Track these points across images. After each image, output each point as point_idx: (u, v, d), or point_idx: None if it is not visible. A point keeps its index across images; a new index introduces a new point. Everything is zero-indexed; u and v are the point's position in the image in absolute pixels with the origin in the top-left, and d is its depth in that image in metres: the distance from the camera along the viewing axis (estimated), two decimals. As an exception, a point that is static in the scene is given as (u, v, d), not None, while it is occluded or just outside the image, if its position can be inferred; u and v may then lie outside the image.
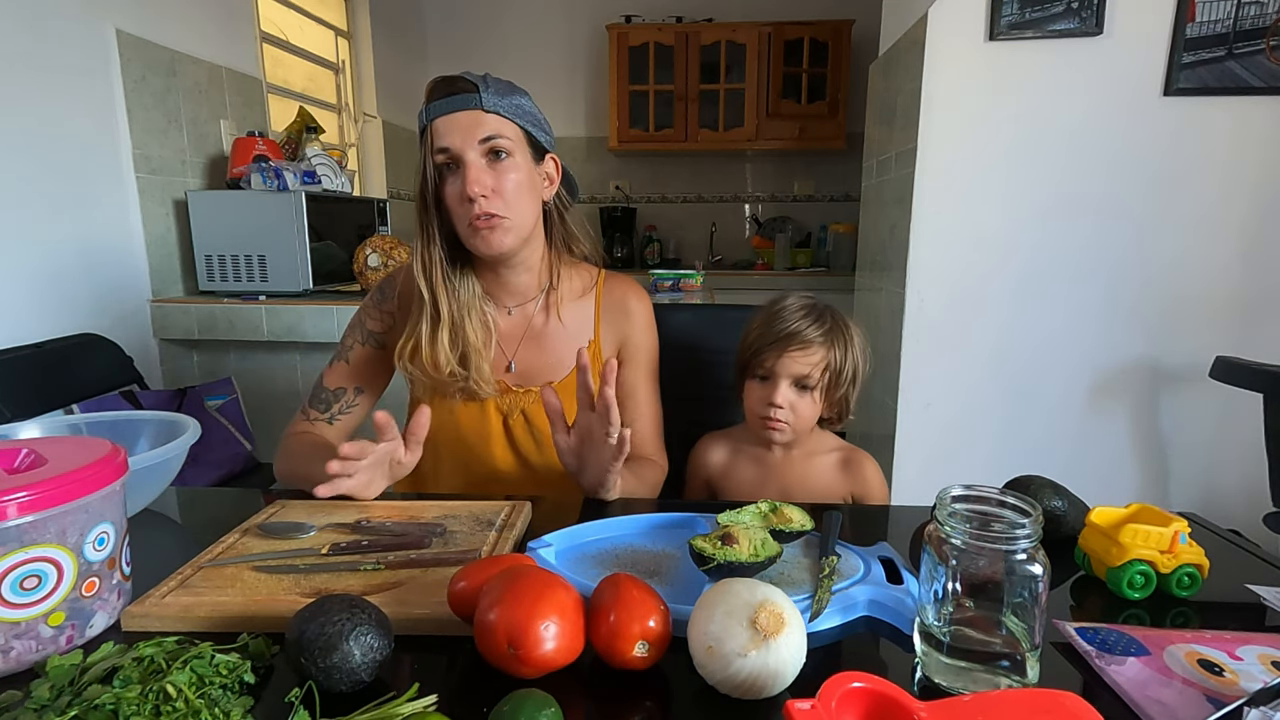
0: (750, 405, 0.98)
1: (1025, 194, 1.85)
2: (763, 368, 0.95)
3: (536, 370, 1.02)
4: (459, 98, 0.90)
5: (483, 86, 0.90)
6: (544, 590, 0.52)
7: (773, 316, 0.96)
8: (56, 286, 1.76)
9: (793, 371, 0.93)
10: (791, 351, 0.93)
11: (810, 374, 0.94)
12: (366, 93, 3.43)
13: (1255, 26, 1.71)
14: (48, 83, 1.73)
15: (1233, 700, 0.47)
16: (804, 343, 0.93)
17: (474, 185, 0.89)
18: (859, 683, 0.43)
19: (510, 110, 0.92)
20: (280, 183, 2.08)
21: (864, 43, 3.52)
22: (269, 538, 0.73)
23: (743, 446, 1.04)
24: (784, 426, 0.96)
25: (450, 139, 0.89)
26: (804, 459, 1.01)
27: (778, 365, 0.94)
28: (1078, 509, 0.75)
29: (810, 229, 4.05)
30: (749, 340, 0.98)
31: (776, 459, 1.01)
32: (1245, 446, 1.82)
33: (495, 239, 0.92)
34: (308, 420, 1.03)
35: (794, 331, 0.93)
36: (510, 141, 0.91)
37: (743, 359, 0.99)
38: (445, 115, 0.90)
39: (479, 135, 0.90)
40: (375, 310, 1.04)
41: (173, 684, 0.47)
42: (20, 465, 0.60)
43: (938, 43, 1.82)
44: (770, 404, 0.94)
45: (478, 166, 0.90)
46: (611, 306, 1.06)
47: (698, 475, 1.07)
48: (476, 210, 0.89)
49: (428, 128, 0.91)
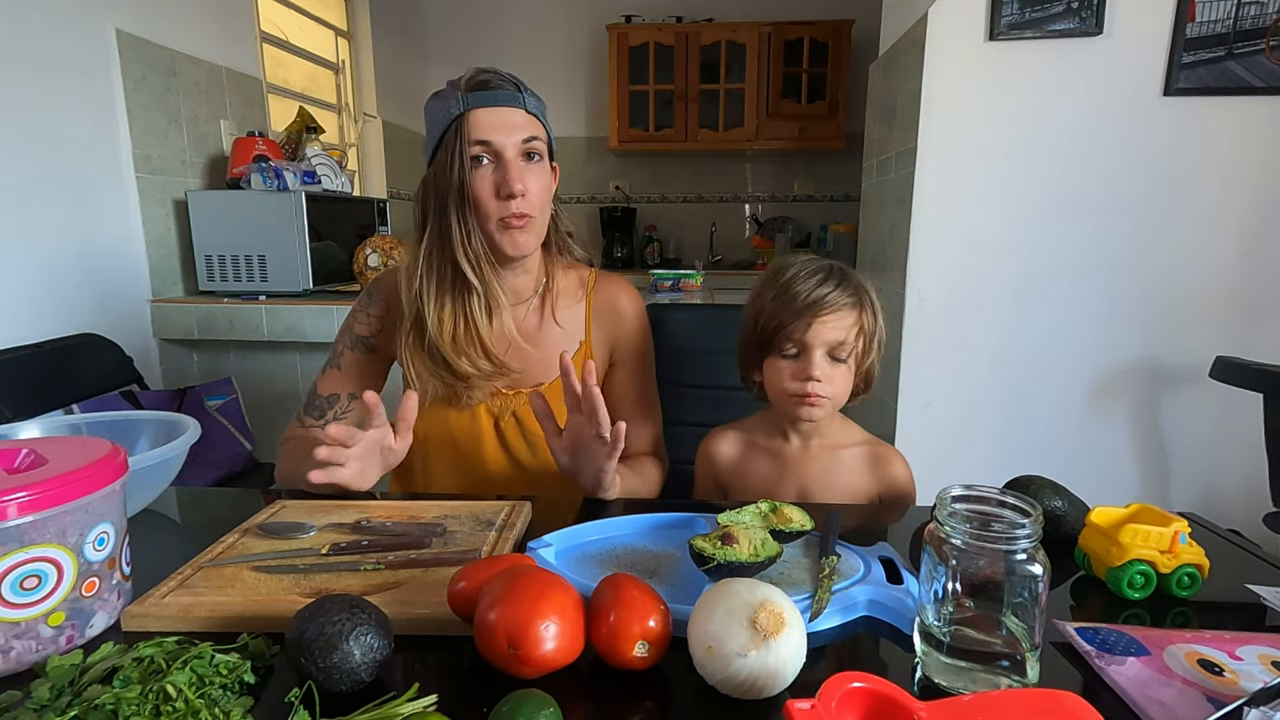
0: (778, 384, 0.88)
1: (1025, 194, 1.85)
2: (790, 340, 0.86)
3: (530, 372, 1.02)
4: (505, 93, 0.90)
5: (522, 87, 0.92)
6: (544, 590, 0.52)
7: (787, 284, 0.87)
8: (57, 286, 1.76)
9: (827, 339, 0.85)
10: (824, 317, 0.85)
11: (845, 340, 0.86)
12: (366, 93, 3.43)
13: (1255, 26, 1.71)
14: (48, 83, 1.73)
15: (1233, 700, 0.47)
16: (835, 307, 0.85)
17: (517, 183, 0.89)
18: (859, 683, 0.43)
19: (541, 115, 0.94)
20: (280, 183, 2.08)
21: (864, 43, 3.52)
22: (269, 538, 0.73)
23: (756, 440, 0.97)
24: (824, 401, 0.87)
25: (494, 133, 0.89)
26: (826, 452, 0.93)
27: (809, 335, 0.85)
28: (1078, 509, 0.75)
29: (810, 229, 4.05)
30: (764, 315, 0.88)
31: (794, 452, 0.94)
32: (1245, 446, 1.82)
33: (524, 239, 0.93)
34: (302, 427, 1.03)
35: (820, 296, 0.85)
36: (542, 144, 0.93)
37: (759, 336, 0.89)
38: (489, 108, 0.89)
39: (522, 135, 0.90)
40: (363, 315, 1.04)
41: (173, 684, 0.46)
42: (20, 465, 0.60)
43: (938, 43, 1.82)
44: (808, 378, 0.85)
45: (518, 165, 0.90)
46: (603, 307, 1.05)
47: (707, 473, 1.00)
48: (515, 208, 0.90)
49: (463, 117, 0.89)
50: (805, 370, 0.86)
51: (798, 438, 0.94)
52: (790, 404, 0.88)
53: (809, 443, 0.94)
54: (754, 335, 0.90)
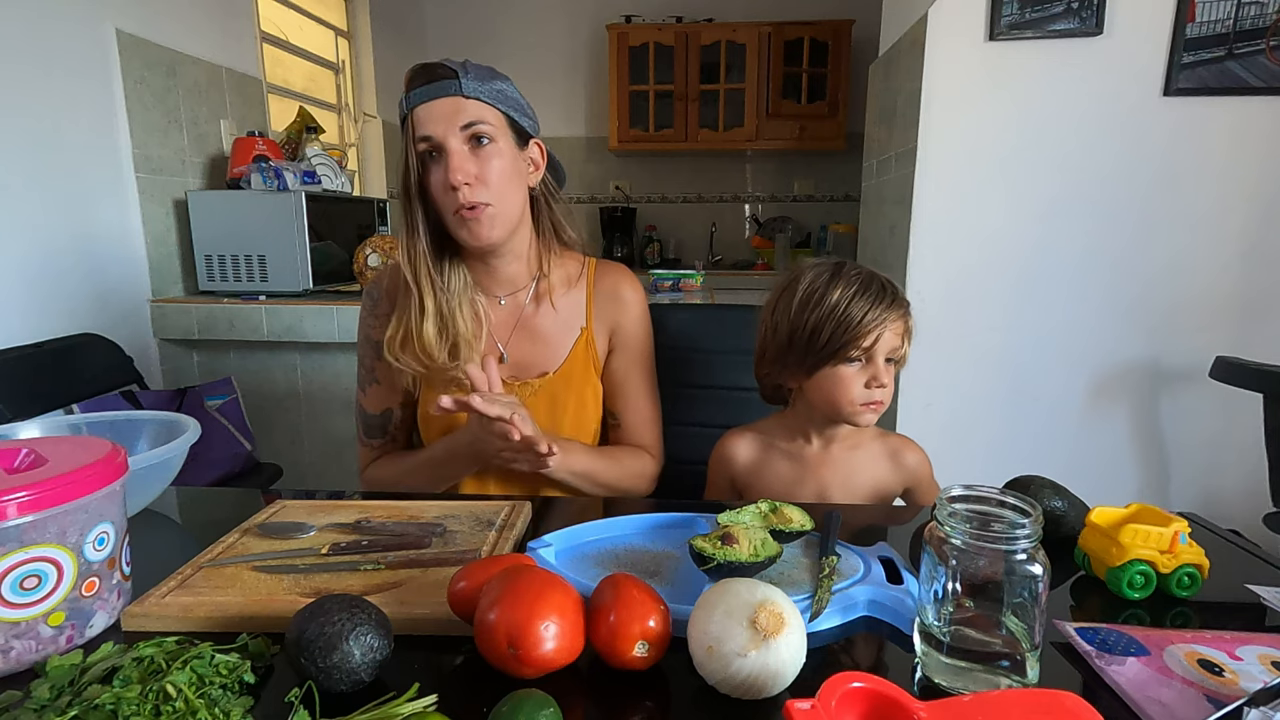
0: (843, 393, 0.88)
1: (1025, 194, 1.85)
2: (858, 348, 0.87)
3: (529, 361, 1.01)
4: (438, 84, 0.89)
5: (462, 73, 0.89)
6: (544, 590, 0.52)
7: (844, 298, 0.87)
8: (56, 286, 1.76)
9: (890, 345, 0.88)
10: (890, 326, 0.87)
11: (901, 347, 0.89)
12: (366, 93, 3.43)
13: (1255, 26, 1.71)
14: (48, 83, 1.73)
15: (1233, 700, 0.47)
16: (897, 316, 0.88)
17: (456, 173, 0.87)
18: (859, 683, 0.43)
19: (491, 95, 0.90)
20: (280, 183, 2.08)
21: (864, 43, 3.52)
22: (269, 538, 0.73)
23: (774, 443, 0.97)
24: (883, 406, 0.89)
25: (431, 127, 0.88)
26: (847, 452, 0.94)
27: (878, 344, 0.87)
28: (1078, 509, 0.75)
29: (810, 229, 4.05)
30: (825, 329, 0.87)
31: (815, 454, 0.94)
32: (1245, 446, 1.82)
33: (482, 230, 0.91)
34: (373, 450, 1.06)
35: (886, 307, 0.87)
36: (492, 127, 0.90)
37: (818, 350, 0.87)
38: (425, 103, 0.88)
39: (460, 122, 0.88)
40: (371, 319, 1.03)
41: (172, 684, 0.46)
42: (20, 465, 0.60)
43: (938, 43, 1.82)
44: (878, 385, 0.87)
45: (460, 154, 0.88)
46: (604, 294, 1.05)
47: (722, 473, 0.99)
48: (461, 199, 0.88)
49: (408, 116, 0.89)
50: (875, 379, 0.87)
51: (819, 439, 0.94)
52: (854, 412, 0.88)
53: (830, 444, 0.94)
54: (804, 347, 0.89)
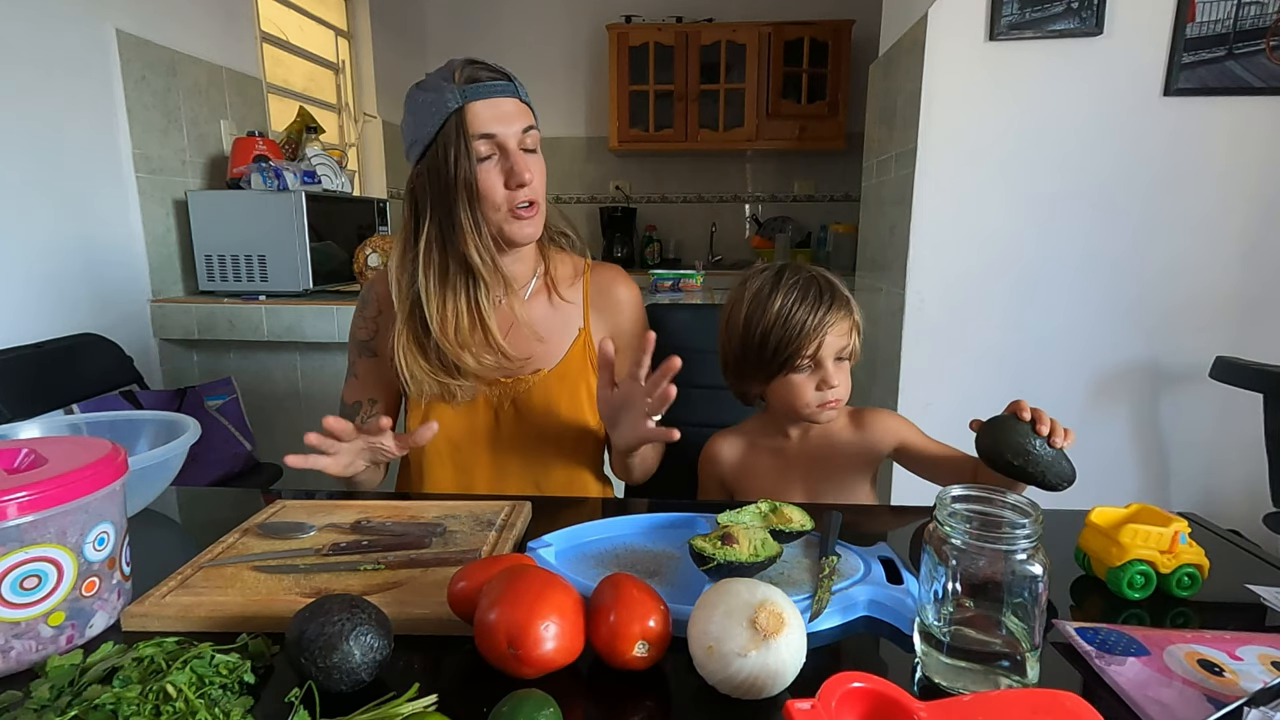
0: (797, 398, 0.91)
1: (1025, 194, 1.85)
2: (803, 357, 0.89)
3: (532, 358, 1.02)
4: (501, 84, 0.91)
5: (512, 77, 0.93)
6: (544, 590, 0.52)
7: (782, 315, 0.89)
8: (56, 286, 1.76)
9: (836, 349, 0.90)
10: (832, 329, 0.89)
11: (848, 344, 0.92)
12: (366, 93, 3.43)
13: (1255, 26, 1.70)
14: (48, 83, 1.73)
15: (1233, 700, 0.47)
16: (839, 317, 0.90)
17: (526, 172, 0.90)
18: (859, 683, 0.43)
19: (531, 104, 0.95)
20: (280, 183, 2.08)
21: (864, 43, 3.52)
22: (269, 538, 0.73)
23: (756, 440, 1.01)
24: (841, 402, 0.93)
25: (496, 125, 0.89)
26: (822, 438, 0.98)
27: (822, 351, 0.89)
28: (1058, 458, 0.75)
29: (810, 229, 4.05)
30: (770, 341, 0.90)
31: (794, 446, 0.99)
32: (1245, 446, 1.82)
33: (532, 228, 0.95)
34: None
35: (825, 312, 0.89)
36: (538, 134, 0.95)
37: (761, 360, 0.91)
38: (488, 99, 0.89)
39: (522, 124, 0.91)
40: (360, 319, 1.06)
41: (172, 684, 0.47)
42: (20, 465, 0.60)
43: (938, 43, 1.81)
44: (829, 386, 0.90)
45: (522, 155, 0.91)
46: (600, 295, 1.06)
47: (711, 476, 1.03)
48: (525, 197, 0.91)
49: (462, 110, 0.88)
50: (825, 381, 0.90)
51: (796, 431, 0.99)
52: (812, 414, 0.93)
53: (807, 434, 0.99)
54: (755, 358, 0.92)
